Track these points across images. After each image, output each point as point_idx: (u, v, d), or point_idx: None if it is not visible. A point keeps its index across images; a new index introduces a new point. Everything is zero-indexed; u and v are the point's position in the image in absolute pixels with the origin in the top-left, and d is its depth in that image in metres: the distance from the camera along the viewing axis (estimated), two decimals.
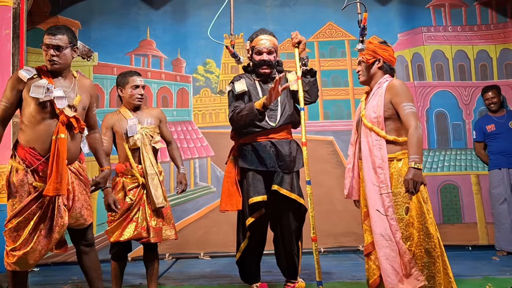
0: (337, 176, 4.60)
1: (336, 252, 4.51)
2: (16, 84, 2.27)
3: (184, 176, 3.00)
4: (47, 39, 2.27)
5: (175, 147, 3.08)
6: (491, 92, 4.45)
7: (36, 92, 2.22)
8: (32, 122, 2.26)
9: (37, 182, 2.25)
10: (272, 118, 2.89)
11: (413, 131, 2.29)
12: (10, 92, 2.28)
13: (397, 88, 2.39)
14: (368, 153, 2.43)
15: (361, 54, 2.57)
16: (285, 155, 2.86)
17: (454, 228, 4.57)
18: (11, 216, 2.22)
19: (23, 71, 2.27)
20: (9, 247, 2.21)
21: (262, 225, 2.90)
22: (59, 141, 2.23)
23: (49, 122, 2.27)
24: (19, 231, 2.21)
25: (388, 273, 2.32)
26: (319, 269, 2.61)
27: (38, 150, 2.26)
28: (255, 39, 2.97)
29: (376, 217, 2.37)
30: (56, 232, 2.27)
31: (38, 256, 2.25)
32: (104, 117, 2.92)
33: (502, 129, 4.36)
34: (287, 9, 4.95)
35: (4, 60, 3.26)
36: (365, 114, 2.50)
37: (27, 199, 2.22)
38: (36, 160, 2.25)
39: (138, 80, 2.90)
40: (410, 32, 4.91)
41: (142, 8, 4.87)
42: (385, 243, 2.33)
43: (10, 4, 3.30)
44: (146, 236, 2.75)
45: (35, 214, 2.22)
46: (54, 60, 2.27)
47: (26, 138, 2.28)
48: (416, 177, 2.22)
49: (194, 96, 4.84)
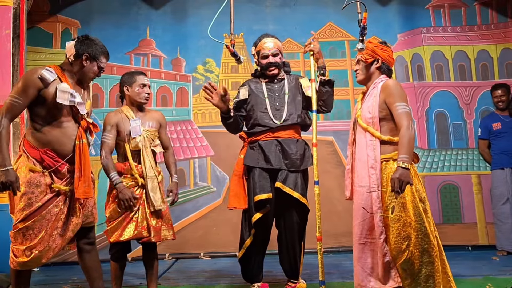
0: (337, 176, 4.60)
1: (336, 252, 4.51)
2: (36, 83, 2.20)
3: (175, 186, 2.97)
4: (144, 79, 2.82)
5: (171, 153, 3.06)
6: (501, 90, 4.45)
7: (62, 97, 2.22)
8: (48, 124, 2.26)
9: (56, 183, 2.27)
10: (277, 117, 2.92)
11: (404, 131, 2.28)
12: (26, 91, 2.20)
13: (391, 88, 2.39)
14: (362, 153, 2.44)
15: (360, 53, 2.57)
16: (291, 154, 2.88)
17: (454, 228, 4.58)
18: (25, 215, 2.20)
19: (46, 72, 2.22)
20: (24, 246, 2.19)
21: (267, 222, 2.92)
22: (83, 146, 2.29)
23: (66, 125, 2.30)
24: (34, 229, 2.20)
25: (358, 274, 2.42)
26: (323, 268, 2.63)
27: (55, 152, 2.27)
28: (259, 44, 3.00)
29: (358, 216, 2.41)
30: (71, 231, 2.30)
31: (51, 254, 2.28)
32: (107, 115, 2.90)
33: (508, 128, 4.36)
34: (287, 9, 4.96)
35: (4, 60, 3.26)
36: (360, 114, 2.50)
37: (44, 198, 2.23)
38: (55, 161, 2.27)
39: (145, 79, 2.92)
40: (410, 32, 4.92)
41: (142, 8, 4.87)
42: (360, 244, 2.41)
43: (10, 4, 3.29)
44: (147, 235, 2.75)
45: (53, 213, 2.24)
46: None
47: (41, 139, 2.27)
48: (403, 177, 2.21)
49: (193, 95, 4.84)
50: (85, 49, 2.32)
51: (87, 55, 2.32)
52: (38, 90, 2.21)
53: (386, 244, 2.33)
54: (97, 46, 2.36)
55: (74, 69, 2.34)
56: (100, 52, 2.37)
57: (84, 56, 2.31)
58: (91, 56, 2.33)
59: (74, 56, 2.32)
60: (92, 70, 2.36)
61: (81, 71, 2.34)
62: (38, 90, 2.22)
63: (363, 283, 2.39)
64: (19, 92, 2.21)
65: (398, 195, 2.26)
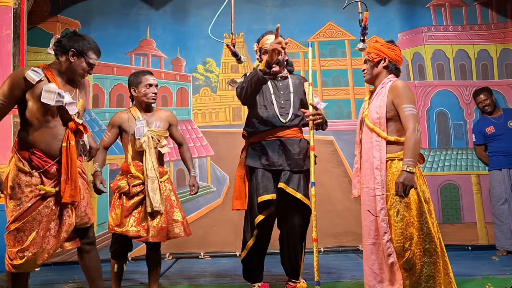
0: (337, 176, 4.60)
1: (336, 251, 4.51)
2: (20, 84, 2.17)
3: (195, 179, 3.05)
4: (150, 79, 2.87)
5: (186, 149, 3.09)
6: (483, 95, 4.44)
7: (48, 97, 2.16)
8: (36, 125, 2.22)
9: (44, 184, 2.22)
10: (283, 115, 2.90)
11: (410, 134, 2.29)
12: (11, 91, 2.19)
13: (400, 89, 2.39)
14: (368, 153, 2.44)
15: (367, 53, 2.57)
16: (294, 154, 2.87)
17: (454, 228, 4.58)
18: (15, 217, 2.17)
19: (31, 72, 2.18)
20: (16, 248, 2.16)
21: (269, 223, 2.91)
22: (71, 149, 2.23)
23: (53, 124, 2.24)
24: (25, 231, 2.17)
25: (366, 274, 2.42)
26: (318, 268, 2.64)
27: (43, 152, 2.23)
28: (261, 40, 2.99)
29: (366, 217, 2.41)
30: (64, 232, 2.26)
31: (46, 256, 2.23)
32: (115, 115, 2.96)
33: (502, 130, 4.35)
34: (287, 9, 4.95)
35: (4, 60, 3.25)
36: (367, 114, 2.50)
37: (32, 199, 2.19)
38: (43, 162, 2.23)
39: (151, 79, 2.93)
40: (411, 31, 4.91)
41: (142, 8, 4.87)
42: (369, 245, 2.41)
43: (11, 4, 3.29)
44: (145, 235, 2.75)
45: (43, 214, 2.20)
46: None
47: (29, 140, 2.23)
48: (407, 181, 2.22)
49: (194, 95, 4.84)
50: (72, 44, 2.24)
51: (73, 50, 2.23)
52: (23, 91, 2.19)
53: (391, 244, 2.32)
54: (85, 41, 2.27)
55: (63, 67, 2.27)
56: (88, 47, 2.27)
57: (70, 52, 2.23)
58: (78, 52, 2.24)
59: (61, 52, 2.26)
60: (81, 66, 2.27)
61: (69, 68, 2.26)
62: (23, 91, 2.19)
63: (371, 284, 2.39)
64: (4, 93, 2.20)
65: (402, 199, 2.27)
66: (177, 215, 2.87)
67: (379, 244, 2.38)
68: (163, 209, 2.81)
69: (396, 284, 2.32)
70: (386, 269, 2.36)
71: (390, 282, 2.35)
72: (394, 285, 2.33)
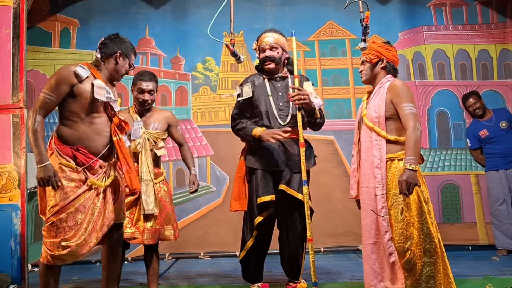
0: (337, 176, 4.59)
1: (336, 252, 4.51)
2: (68, 79, 2.22)
3: (195, 177, 3.01)
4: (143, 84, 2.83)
5: (186, 149, 3.07)
6: (472, 98, 4.43)
7: (99, 93, 2.24)
8: (80, 121, 2.26)
9: (90, 179, 2.24)
10: (281, 117, 2.89)
11: (410, 132, 2.29)
12: (58, 87, 2.22)
13: (398, 88, 2.39)
14: (368, 153, 2.43)
15: (364, 54, 2.57)
16: (294, 154, 2.85)
17: (454, 228, 4.57)
18: (60, 207, 2.17)
19: (80, 69, 2.24)
20: (59, 238, 2.17)
21: (269, 224, 2.91)
22: (121, 141, 2.33)
23: (99, 121, 2.30)
24: (68, 221, 2.18)
25: (367, 273, 2.42)
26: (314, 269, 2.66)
27: (87, 149, 2.26)
28: (260, 38, 2.97)
29: (366, 216, 2.41)
30: (106, 226, 2.28)
31: (87, 250, 2.25)
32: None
33: (495, 132, 4.33)
34: (287, 8, 4.94)
35: (4, 60, 3.24)
36: (366, 113, 2.50)
37: (77, 193, 2.20)
38: (87, 158, 2.25)
39: (144, 85, 2.86)
40: (411, 31, 4.90)
41: (142, 7, 4.86)
42: (369, 244, 2.40)
43: (10, 4, 3.28)
44: (139, 237, 2.76)
45: (87, 207, 2.22)
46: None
47: (72, 136, 2.26)
48: (410, 179, 2.22)
49: (193, 94, 4.83)
50: (119, 46, 2.37)
51: (120, 52, 2.36)
52: (70, 86, 2.23)
53: (392, 243, 2.32)
54: (128, 44, 2.43)
55: (108, 66, 2.37)
56: (131, 49, 2.43)
57: (118, 53, 2.36)
58: (124, 54, 2.38)
59: (107, 54, 2.35)
60: (125, 67, 2.41)
61: (114, 69, 2.38)
62: (71, 86, 2.23)
63: (372, 283, 2.39)
64: (51, 89, 2.23)
65: (406, 197, 2.27)
66: (169, 218, 2.87)
67: (380, 243, 2.38)
68: (157, 211, 2.80)
69: (398, 283, 2.33)
70: (387, 268, 2.36)
71: (391, 281, 2.35)
72: (395, 284, 2.34)
